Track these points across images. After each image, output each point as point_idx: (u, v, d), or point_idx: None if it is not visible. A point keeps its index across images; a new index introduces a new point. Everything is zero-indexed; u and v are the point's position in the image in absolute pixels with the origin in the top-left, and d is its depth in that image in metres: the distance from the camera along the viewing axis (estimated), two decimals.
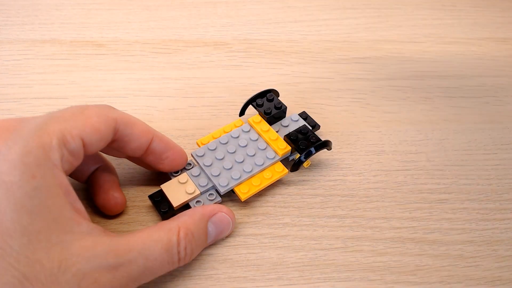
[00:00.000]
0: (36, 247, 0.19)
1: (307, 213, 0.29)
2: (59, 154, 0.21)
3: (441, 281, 0.26)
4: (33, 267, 0.19)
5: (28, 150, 0.20)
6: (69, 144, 0.22)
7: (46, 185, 0.20)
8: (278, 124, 0.31)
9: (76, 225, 0.21)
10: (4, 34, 0.40)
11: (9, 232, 0.19)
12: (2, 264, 0.18)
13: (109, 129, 0.24)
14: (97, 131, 0.23)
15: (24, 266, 0.19)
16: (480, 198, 0.31)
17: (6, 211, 0.19)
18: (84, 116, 0.23)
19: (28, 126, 0.21)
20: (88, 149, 0.23)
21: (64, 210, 0.21)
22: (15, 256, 0.19)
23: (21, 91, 0.35)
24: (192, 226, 0.24)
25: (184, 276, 0.26)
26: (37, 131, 0.21)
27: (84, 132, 0.22)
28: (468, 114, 0.36)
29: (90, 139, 0.23)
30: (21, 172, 0.19)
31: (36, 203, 0.19)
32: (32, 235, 0.19)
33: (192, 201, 0.27)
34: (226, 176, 0.28)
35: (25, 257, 0.19)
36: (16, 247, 0.19)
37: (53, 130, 0.21)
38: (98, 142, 0.24)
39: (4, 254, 0.19)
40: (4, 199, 0.19)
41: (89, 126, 0.23)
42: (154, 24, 0.42)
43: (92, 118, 0.23)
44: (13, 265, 0.19)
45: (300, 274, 0.26)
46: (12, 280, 0.18)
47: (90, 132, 0.23)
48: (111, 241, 0.21)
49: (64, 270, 0.19)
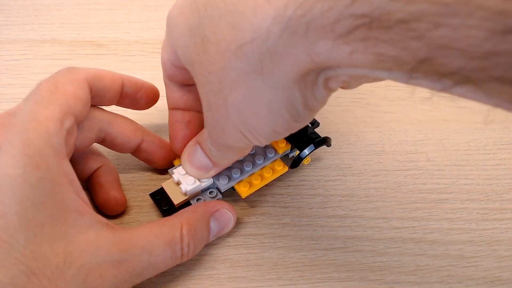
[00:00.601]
0: (41, 241, 0.19)
1: (307, 213, 0.29)
2: (58, 139, 0.21)
3: (441, 281, 0.26)
4: (39, 261, 0.19)
5: (29, 141, 0.20)
6: (65, 124, 0.22)
7: (51, 174, 0.20)
8: None
9: (80, 217, 0.21)
10: (4, 34, 0.40)
11: (14, 225, 0.19)
12: (8, 258, 0.19)
13: (86, 91, 0.24)
14: (79, 99, 0.23)
15: (30, 260, 0.19)
16: (480, 198, 0.31)
17: (11, 205, 0.19)
18: (60, 90, 0.23)
19: (22, 118, 0.21)
20: (78, 120, 0.23)
21: (68, 200, 0.21)
22: (21, 250, 0.19)
23: (21, 91, 0.35)
24: (195, 222, 0.24)
25: (184, 276, 0.26)
26: (33, 122, 0.21)
27: (70, 107, 0.22)
28: (468, 114, 0.36)
29: (78, 110, 0.23)
30: (24, 164, 0.19)
31: (41, 193, 0.20)
32: (37, 229, 0.19)
33: (193, 199, 0.27)
34: (226, 174, 0.28)
35: (30, 251, 0.19)
36: (22, 241, 0.19)
37: (46, 115, 0.21)
38: (84, 108, 0.23)
39: (10, 248, 0.19)
40: (9, 192, 0.19)
41: (71, 98, 0.23)
42: (154, 24, 0.42)
43: (68, 88, 0.23)
44: (19, 259, 0.19)
45: (300, 274, 0.26)
46: (19, 274, 0.18)
47: (74, 103, 0.23)
48: (114, 235, 0.21)
49: (70, 264, 0.20)
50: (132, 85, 0.28)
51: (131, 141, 0.27)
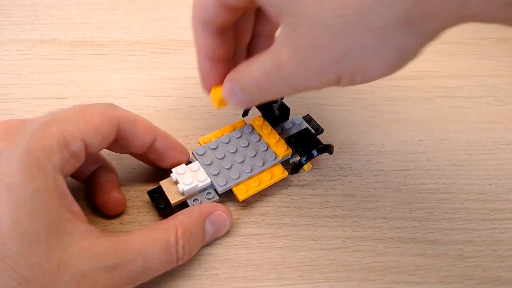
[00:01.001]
0: (35, 249, 0.19)
1: (307, 213, 0.29)
2: (59, 156, 0.21)
3: (441, 281, 0.26)
4: (32, 269, 0.19)
5: (29, 152, 0.20)
6: (70, 146, 0.22)
7: (46, 187, 0.20)
8: (280, 126, 0.31)
9: (74, 227, 0.21)
10: (4, 34, 0.40)
11: (8, 233, 0.19)
12: (1, 266, 0.18)
13: (111, 129, 0.24)
14: (99, 132, 0.23)
15: (23, 268, 0.19)
16: (480, 198, 0.31)
17: (6, 212, 0.19)
18: (86, 117, 0.23)
19: (30, 127, 0.22)
20: (90, 150, 0.23)
21: (63, 212, 0.21)
22: (14, 257, 0.19)
23: (21, 91, 0.35)
24: (189, 225, 0.24)
25: (184, 276, 0.26)
26: (39, 133, 0.21)
27: (86, 134, 0.23)
28: (468, 114, 0.36)
29: (92, 140, 0.23)
30: (22, 173, 0.20)
31: (36, 204, 0.20)
32: (32, 237, 0.19)
33: (189, 199, 0.27)
34: (225, 175, 0.28)
35: (24, 259, 0.19)
36: (15, 249, 0.19)
37: (55, 132, 0.21)
38: (100, 143, 0.24)
39: (3, 256, 0.19)
40: (5, 200, 0.19)
41: (91, 127, 0.23)
42: (154, 24, 0.42)
43: (95, 118, 0.23)
44: (12, 267, 0.19)
45: (300, 274, 0.26)
46: (11, 282, 0.18)
47: (92, 133, 0.23)
48: (109, 242, 0.21)
49: (63, 272, 0.19)
50: (164, 142, 0.27)
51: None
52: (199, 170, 0.28)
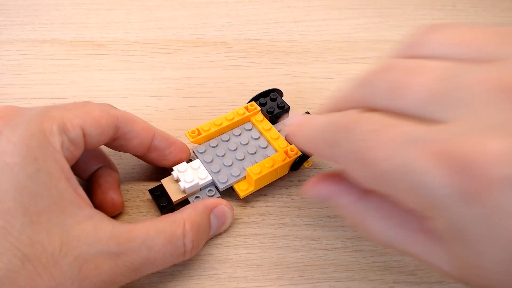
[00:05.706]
0: (37, 228, 0.19)
1: (307, 213, 0.29)
2: (59, 140, 0.21)
3: (441, 281, 0.26)
4: (34, 248, 0.19)
5: (30, 133, 0.20)
6: (69, 132, 0.22)
7: (48, 168, 0.20)
8: (280, 123, 0.31)
9: (77, 209, 0.21)
10: (4, 34, 0.40)
11: (11, 212, 0.19)
12: (4, 243, 0.19)
13: (110, 124, 0.24)
14: (98, 124, 0.23)
15: (26, 246, 0.19)
16: None
17: (8, 192, 0.19)
18: (86, 109, 0.24)
19: (31, 111, 0.22)
20: (89, 141, 0.23)
21: (65, 193, 0.21)
22: (16, 235, 0.19)
23: (21, 91, 0.35)
24: (197, 218, 0.24)
25: (184, 276, 0.26)
26: (39, 116, 0.21)
27: (84, 123, 0.23)
28: None
29: (91, 131, 0.23)
30: (23, 154, 0.20)
31: (37, 184, 0.20)
32: (33, 216, 0.19)
33: (191, 197, 0.27)
34: (225, 173, 0.28)
35: (26, 237, 0.19)
36: (18, 227, 0.19)
37: (54, 116, 0.22)
38: (99, 135, 0.24)
39: (6, 234, 0.19)
40: (7, 180, 0.19)
41: (90, 118, 0.23)
42: (154, 24, 0.42)
43: (94, 111, 0.24)
44: (14, 244, 0.19)
45: (300, 274, 0.26)
46: (13, 259, 0.19)
47: (91, 123, 0.23)
48: (113, 228, 0.21)
49: (66, 253, 0.20)
50: (163, 140, 0.28)
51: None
52: (200, 167, 0.28)
